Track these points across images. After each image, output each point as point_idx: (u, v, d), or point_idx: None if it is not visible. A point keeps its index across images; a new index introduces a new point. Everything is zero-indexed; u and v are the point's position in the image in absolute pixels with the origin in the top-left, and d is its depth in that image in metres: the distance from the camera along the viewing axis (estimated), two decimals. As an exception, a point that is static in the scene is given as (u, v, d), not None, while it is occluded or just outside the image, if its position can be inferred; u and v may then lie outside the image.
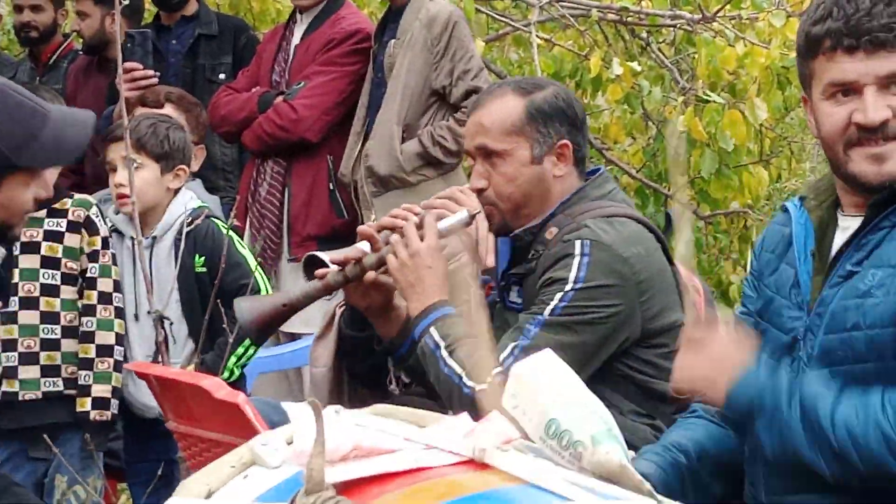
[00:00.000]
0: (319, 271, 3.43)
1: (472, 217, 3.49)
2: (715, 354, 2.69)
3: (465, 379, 3.20)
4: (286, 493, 1.39)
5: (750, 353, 2.69)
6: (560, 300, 3.23)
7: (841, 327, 2.62)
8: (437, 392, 3.37)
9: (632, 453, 1.98)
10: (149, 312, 4.47)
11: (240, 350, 4.58)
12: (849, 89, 2.60)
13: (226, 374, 4.47)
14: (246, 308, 3.54)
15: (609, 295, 3.27)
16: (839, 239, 2.72)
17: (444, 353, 3.27)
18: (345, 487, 1.35)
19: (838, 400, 2.55)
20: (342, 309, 3.81)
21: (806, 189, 2.92)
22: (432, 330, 3.31)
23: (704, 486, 2.83)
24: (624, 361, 3.37)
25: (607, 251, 3.28)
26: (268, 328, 3.66)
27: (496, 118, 3.44)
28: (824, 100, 2.64)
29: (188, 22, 6.43)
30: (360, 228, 3.55)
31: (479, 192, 3.46)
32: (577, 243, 3.27)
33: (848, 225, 2.70)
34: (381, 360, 3.84)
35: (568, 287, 3.24)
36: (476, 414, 3.07)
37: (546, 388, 1.60)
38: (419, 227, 3.40)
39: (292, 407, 1.51)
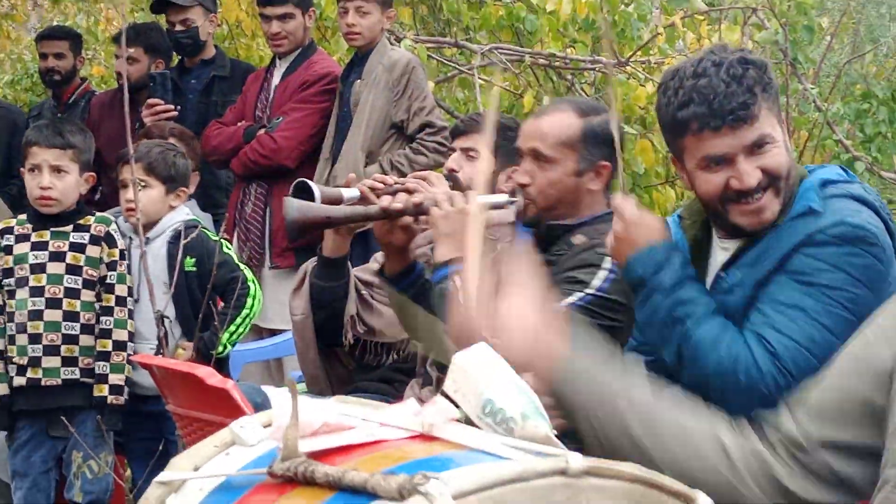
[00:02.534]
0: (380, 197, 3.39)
1: (510, 202, 3.44)
2: (623, 226, 2.76)
3: None
4: (264, 463, 1.39)
5: (657, 232, 2.76)
6: (578, 299, 3.17)
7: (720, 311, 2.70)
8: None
9: None
10: (155, 313, 4.50)
11: (231, 328, 4.66)
12: (721, 159, 2.61)
13: (220, 349, 4.58)
14: (295, 207, 3.39)
15: (616, 311, 3.21)
16: (720, 257, 2.78)
17: None
18: (313, 457, 1.36)
19: (704, 318, 2.63)
20: (312, 264, 3.82)
21: (683, 209, 2.97)
22: (457, 278, 3.20)
23: None
24: None
25: None
26: (305, 231, 3.51)
27: (555, 129, 3.37)
28: (700, 170, 2.66)
29: (206, 65, 6.51)
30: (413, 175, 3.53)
31: (523, 186, 3.40)
32: (609, 259, 3.20)
33: (727, 246, 2.76)
34: (338, 310, 3.84)
35: (588, 290, 3.18)
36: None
37: (482, 373, 1.60)
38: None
39: (272, 391, 1.52)
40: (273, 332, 5.59)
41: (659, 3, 6.54)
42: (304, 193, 3.48)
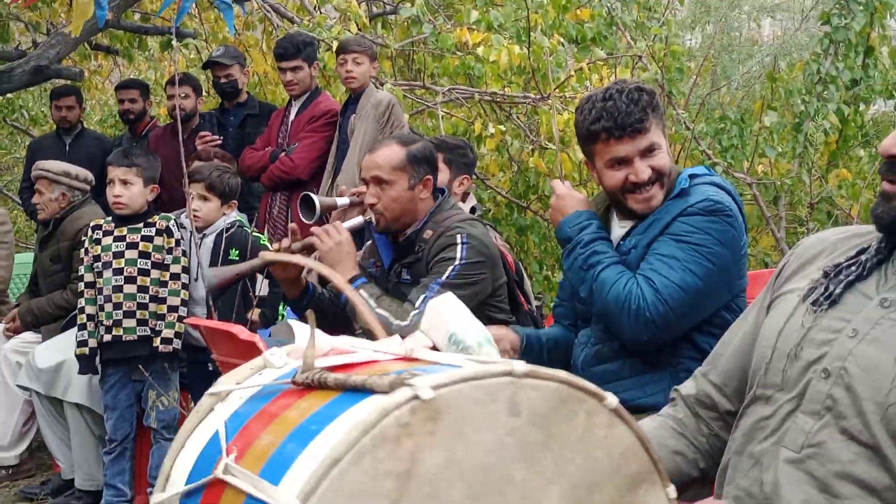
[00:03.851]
0: (261, 253, 3.33)
1: (367, 222, 3.47)
2: (556, 199, 2.85)
3: (392, 320, 3.17)
4: (288, 377, 1.38)
5: (581, 204, 2.82)
6: (451, 270, 3.26)
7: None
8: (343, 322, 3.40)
9: None
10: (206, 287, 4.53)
11: (282, 302, 4.65)
12: (622, 160, 2.65)
13: (279, 318, 4.70)
14: (210, 275, 3.50)
15: (480, 267, 3.32)
16: (617, 233, 2.81)
17: (374, 304, 3.23)
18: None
19: (610, 265, 2.66)
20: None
21: (591, 201, 3.00)
22: (362, 291, 3.26)
23: (548, 361, 2.91)
24: (484, 304, 3.39)
25: (477, 241, 3.33)
26: (224, 289, 3.57)
27: (387, 159, 3.42)
28: (606, 168, 2.69)
29: (241, 106, 6.52)
30: (292, 226, 3.47)
31: (372, 205, 3.42)
32: (458, 236, 3.32)
33: (625, 225, 2.80)
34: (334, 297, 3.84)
35: (456, 263, 3.27)
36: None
37: (448, 314, 1.61)
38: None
39: (295, 324, 1.51)
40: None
41: (572, 54, 6.52)
42: (307, 204, 3.49)
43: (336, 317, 3.52)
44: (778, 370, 1.69)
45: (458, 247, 3.29)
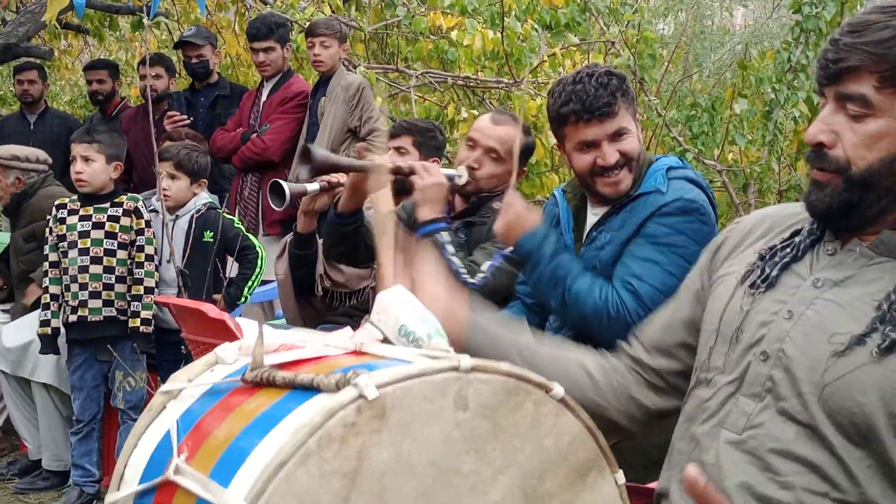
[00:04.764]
0: (370, 157, 3.40)
1: (458, 176, 3.43)
2: (513, 216, 2.78)
3: (462, 272, 3.15)
4: (239, 374, 1.38)
5: (536, 220, 2.78)
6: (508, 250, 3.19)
7: (589, 267, 2.73)
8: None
9: None
10: (176, 268, 4.55)
11: (249, 283, 4.74)
12: (591, 143, 2.67)
13: (243, 299, 4.71)
14: (317, 149, 3.30)
15: None
16: (591, 220, 2.82)
17: (450, 251, 3.20)
18: (274, 368, 1.35)
19: (579, 275, 2.66)
20: (291, 238, 3.85)
21: (566, 185, 3.00)
22: (443, 233, 3.22)
23: None
24: None
25: None
26: (319, 171, 3.37)
27: (509, 140, 3.33)
28: (575, 151, 2.71)
29: (212, 87, 6.48)
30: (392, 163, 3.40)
31: (472, 168, 3.40)
32: None
33: (597, 212, 2.81)
34: (312, 271, 3.87)
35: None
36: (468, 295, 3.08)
37: (398, 306, 1.60)
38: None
39: (243, 321, 1.52)
40: (264, 282, 5.57)
41: (545, 39, 6.53)
42: (276, 191, 3.47)
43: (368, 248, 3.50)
44: (721, 354, 1.72)
45: None
